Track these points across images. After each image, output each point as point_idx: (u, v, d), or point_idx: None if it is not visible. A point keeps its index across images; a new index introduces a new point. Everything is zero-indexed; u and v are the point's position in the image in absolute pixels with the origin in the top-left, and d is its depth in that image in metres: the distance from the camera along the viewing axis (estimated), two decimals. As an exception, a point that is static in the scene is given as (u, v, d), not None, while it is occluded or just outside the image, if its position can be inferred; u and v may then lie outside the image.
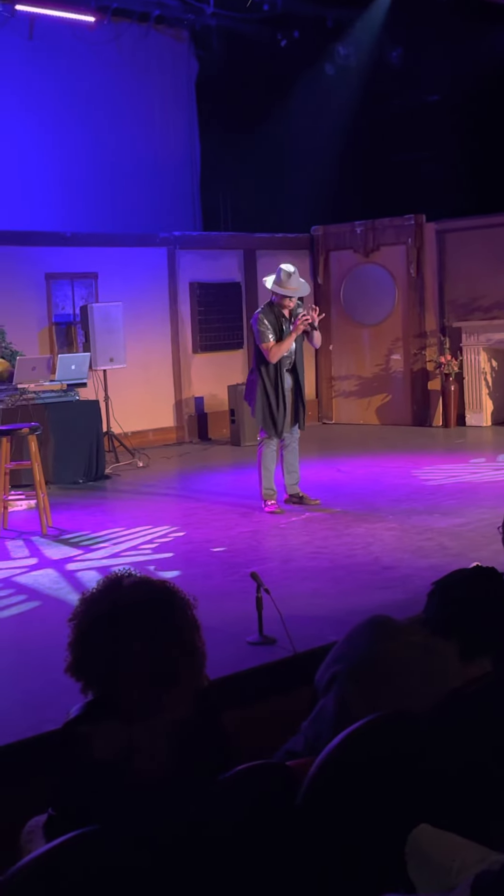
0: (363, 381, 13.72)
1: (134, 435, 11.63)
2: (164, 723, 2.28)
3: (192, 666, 2.32)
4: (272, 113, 13.39)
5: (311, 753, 2.56)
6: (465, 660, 2.70)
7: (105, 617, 2.31)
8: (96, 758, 2.24)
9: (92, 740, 2.26)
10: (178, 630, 2.31)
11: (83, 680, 2.34)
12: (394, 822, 2.28)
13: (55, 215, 12.22)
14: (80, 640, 2.33)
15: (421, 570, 6.04)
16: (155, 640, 2.28)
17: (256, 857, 2.19)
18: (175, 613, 2.33)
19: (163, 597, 2.36)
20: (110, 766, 2.23)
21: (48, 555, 7.05)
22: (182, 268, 12.68)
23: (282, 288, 7.90)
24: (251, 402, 8.11)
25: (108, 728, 2.26)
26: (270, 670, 4.52)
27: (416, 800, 2.33)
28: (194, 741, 2.32)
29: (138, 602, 2.32)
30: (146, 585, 2.38)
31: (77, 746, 2.27)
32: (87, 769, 2.25)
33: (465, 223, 12.76)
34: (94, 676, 2.32)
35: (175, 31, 13.60)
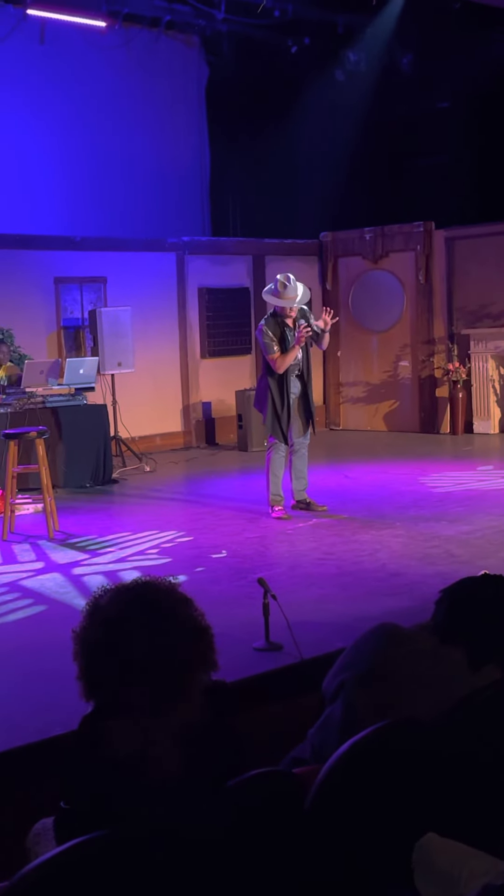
0: (371, 387, 13.71)
1: (141, 439, 11.65)
2: (177, 723, 2.28)
3: (200, 666, 2.32)
4: (282, 118, 13.40)
5: (318, 761, 2.55)
6: (473, 668, 2.69)
7: (101, 623, 2.32)
8: (114, 753, 2.24)
9: (110, 735, 2.25)
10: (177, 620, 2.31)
11: (95, 692, 2.33)
12: (401, 831, 2.27)
13: (64, 219, 12.24)
14: (82, 653, 2.33)
15: (428, 578, 6.03)
16: (156, 635, 2.28)
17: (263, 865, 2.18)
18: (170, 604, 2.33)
19: (155, 591, 2.36)
20: (126, 763, 2.23)
21: (55, 559, 7.06)
22: (191, 273, 12.70)
23: (280, 299, 7.88)
24: (262, 409, 8.09)
25: (125, 725, 2.26)
26: (277, 676, 4.52)
27: (424, 808, 2.32)
28: (207, 743, 2.31)
29: (131, 601, 2.33)
30: (135, 586, 2.39)
31: (95, 740, 2.27)
32: (104, 764, 2.24)
33: (475, 230, 12.76)
34: (104, 685, 2.32)
35: (186, 37, 13.62)
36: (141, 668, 2.27)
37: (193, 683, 2.31)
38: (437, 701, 2.61)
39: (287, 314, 7.91)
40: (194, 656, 2.31)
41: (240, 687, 4.31)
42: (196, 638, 2.34)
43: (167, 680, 2.27)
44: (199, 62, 13.94)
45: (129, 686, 2.28)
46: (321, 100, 13.49)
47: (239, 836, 2.16)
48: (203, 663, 2.34)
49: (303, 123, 13.60)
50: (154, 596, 2.37)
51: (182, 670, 2.29)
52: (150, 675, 2.27)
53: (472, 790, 2.38)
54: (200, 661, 2.33)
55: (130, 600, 2.35)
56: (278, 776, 2.33)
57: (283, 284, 7.85)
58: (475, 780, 2.39)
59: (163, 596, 2.37)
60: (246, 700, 4.18)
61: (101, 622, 2.33)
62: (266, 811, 2.22)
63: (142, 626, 2.30)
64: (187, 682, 2.30)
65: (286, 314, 7.92)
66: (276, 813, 2.23)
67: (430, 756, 2.38)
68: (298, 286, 7.90)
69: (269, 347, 7.86)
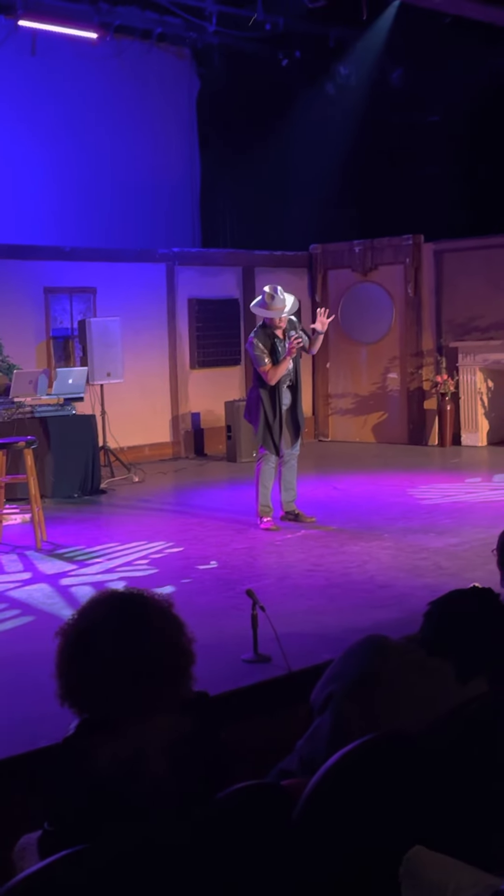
0: (360, 399, 13.74)
1: (130, 450, 11.63)
2: (161, 736, 2.27)
3: (177, 662, 2.31)
4: (273, 131, 13.44)
5: (306, 773, 2.55)
6: (461, 680, 2.69)
7: (78, 633, 2.32)
8: (97, 773, 2.23)
9: (93, 755, 2.25)
10: (153, 631, 2.31)
11: (74, 703, 2.32)
12: (388, 844, 2.26)
13: (54, 230, 12.24)
14: (62, 665, 2.32)
15: (416, 590, 6.03)
16: (130, 644, 2.27)
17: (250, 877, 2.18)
18: (147, 615, 2.33)
19: (132, 602, 2.36)
20: (110, 781, 2.22)
21: (42, 569, 7.03)
22: (181, 284, 12.71)
23: (268, 310, 7.90)
24: (254, 420, 8.08)
25: (108, 743, 2.25)
26: (265, 688, 4.51)
27: (412, 821, 2.32)
28: (193, 756, 2.31)
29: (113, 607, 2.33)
30: (115, 595, 2.39)
31: (77, 761, 2.26)
32: (87, 784, 2.23)
33: (463, 244, 12.81)
34: (83, 695, 2.31)
35: (177, 49, 13.67)
36: (121, 672, 2.26)
37: (174, 693, 2.30)
38: (426, 713, 2.61)
39: (276, 325, 7.93)
40: (175, 665, 2.31)
41: (228, 698, 4.30)
42: (177, 647, 2.33)
43: (148, 687, 2.27)
44: (190, 74, 13.98)
45: (109, 691, 2.27)
46: (312, 113, 13.53)
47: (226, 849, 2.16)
48: (183, 673, 2.33)
49: (293, 136, 13.64)
50: (136, 604, 2.37)
51: (163, 679, 2.28)
52: (131, 680, 2.26)
53: (460, 803, 2.38)
54: (181, 670, 2.33)
55: (113, 606, 2.35)
56: (266, 788, 2.33)
57: (271, 296, 7.87)
58: (463, 793, 2.39)
59: (144, 604, 2.37)
60: (234, 712, 4.17)
61: (84, 627, 2.33)
62: (254, 823, 2.21)
63: (122, 632, 2.30)
64: (168, 692, 2.29)
65: (275, 325, 7.93)
66: (264, 825, 2.22)
67: (418, 769, 2.38)
68: (286, 297, 7.92)
69: (260, 360, 7.87)
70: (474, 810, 2.37)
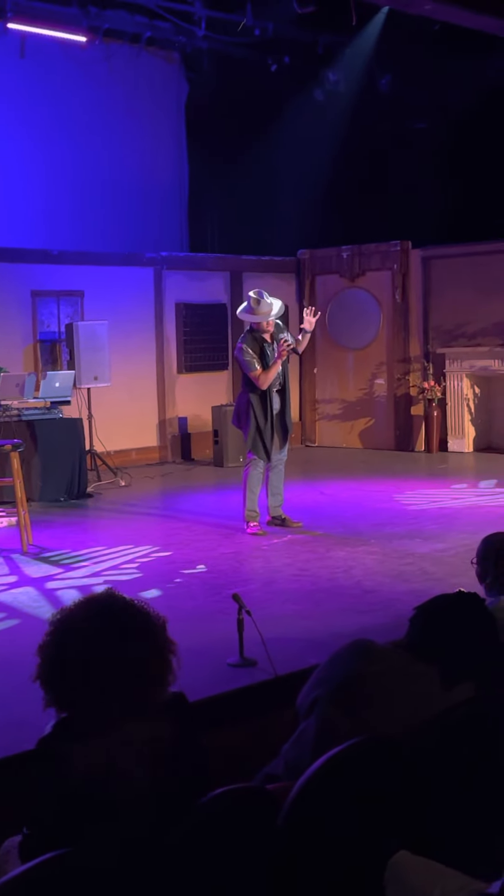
0: (347, 404, 13.75)
1: (117, 454, 11.62)
2: (140, 739, 2.26)
3: (155, 665, 2.31)
4: (261, 136, 13.46)
5: (291, 777, 2.54)
6: (447, 685, 2.70)
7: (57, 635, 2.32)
8: (74, 776, 2.22)
9: (69, 758, 2.24)
10: (131, 633, 2.30)
11: (55, 699, 2.32)
12: (373, 848, 2.26)
13: (42, 233, 12.23)
14: (43, 665, 2.32)
15: (402, 595, 6.04)
16: (108, 645, 2.27)
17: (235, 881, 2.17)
18: (126, 618, 2.33)
19: (111, 604, 2.36)
20: (88, 785, 2.21)
21: (28, 573, 7.01)
22: (168, 288, 12.71)
23: (254, 315, 7.91)
24: (244, 426, 8.08)
25: (85, 745, 2.24)
26: (251, 692, 4.50)
27: (397, 825, 2.32)
28: (174, 761, 2.30)
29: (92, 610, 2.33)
30: (95, 598, 2.39)
31: (54, 765, 2.25)
32: (65, 788, 2.22)
33: (451, 250, 12.85)
34: (62, 693, 2.30)
35: (166, 53, 13.67)
36: (98, 673, 2.25)
37: (153, 695, 2.30)
38: (411, 718, 2.62)
39: (264, 329, 7.94)
40: (153, 668, 2.31)
41: (214, 702, 4.30)
42: (155, 649, 2.33)
43: (126, 688, 2.26)
44: (179, 79, 13.98)
45: (87, 691, 2.26)
46: (300, 118, 13.56)
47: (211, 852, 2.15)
48: (162, 675, 2.33)
49: (282, 141, 13.66)
50: (115, 606, 2.37)
51: (141, 681, 2.27)
52: (109, 682, 2.25)
53: (446, 808, 2.38)
54: (159, 672, 2.32)
55: (92, 610, 2.35)
56: (251, 792, 2.33)
57: (256, 300, 7.89)
58: (448, 797, 2.39)
59: (123, 607, 2.37)
60: (219, 715, 4.17)
61: (65, 629, 2.33)
62: (239, 827, 2.21)
63: (100, 633, 2.30)
64: (147, 693, 2.29)
65: (263, 329, 7.94)
66: (249, 829, 2.22)
67: (403, 773, 2.38)
68: (271, 300, 7.94)
69: (250, 365, 7.87)
70: (459, 815, 2.38)
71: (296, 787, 2.30)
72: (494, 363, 12.45)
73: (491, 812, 2.36)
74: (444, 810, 2.37)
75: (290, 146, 13.68)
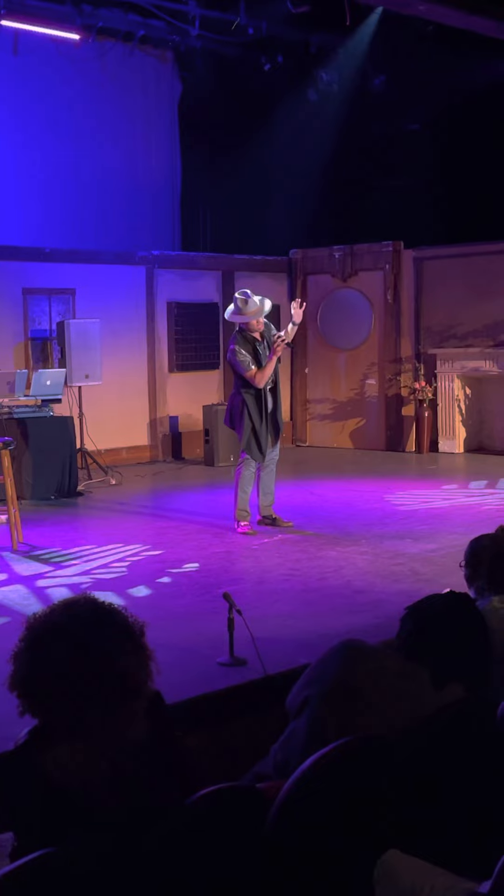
0: (338, 404, 13.76)
1: (107, 452, 11.60)
2: (119, 743, 2.25)
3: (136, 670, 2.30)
4: (254, 136, 13.46)
5: (281, 776, 2.54)
6: (437, 685, 2.70)
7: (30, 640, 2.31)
8: (52, 783, 2.20)
9: (45, 765, 2.22)
10: (105, 637, 2.30)
11: (28, 707, 2.30)
12: (363, 847, 2.26)
13: (34, 230, 12.20)
14: (16, 673, 2.31)
15: (392, 595, 6.05)
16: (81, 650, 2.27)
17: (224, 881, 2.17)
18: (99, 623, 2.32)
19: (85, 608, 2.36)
20: (66, 790, 2.19)
21: (18, 571, 7.00)
22: (160, 287, 12.70)
23: (242, 315, 7.92)
24: (237, 427, 8.08)
25: (61, 752, 2.23)
26: (240, 692, 4.50)
27: (387, 825, 2.32)
28: (153, 761, 2.29)
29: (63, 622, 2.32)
30: (69, 602, 2.38)
31: (28, 768, 2.23)
32: (42, 795, 2.20)
33: (443, 251, 12.87)
34: (36, 701, 2.29)
35: (160, 52, 13.66)
36: (74, 682, 2.24)
37: (131, 701, 2.29)
38: (402, 718, 2.62)
39: (254, 328, 7.95)
40: (131, 674, 2.30)
41: (203, 702, 4.30)
42: (133, 656, 2.32)
43: (103, 696, 2.25)
44: (172, 77, 13.97)
45: (62, 701, 2.25)
46: (293, 118, 13.57)
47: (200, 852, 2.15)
48: (140, 682, 2.32)
49: (275, 141, 13.67)
50: (90, 612, 2.36)
51: (119, 688, 2.26)
52: (85, 690, 2.24)
53: (436, 808, 2.38)
54: (137, 680, 2.31)
55: (66, 616, 2.34)
56: (241, 791, 2.32)
57: (244, 301, 7.91)
58: (438, 797, 2.39)
59: (99, 614, 2.36)
60: (209, 715, 4.17)
61: (38, 636, 2.32)
62: (228, 826, 2.21)
63: (76, 641, 2.28)
64: (125, 700, 2.28)
65: (253, 329, 7.95)
66: (239, 828, 2.21)
67: (393, 773, 2.38)
68: (258, 299, 7.96)
69: (245, 365, 7.87)
70: (449, 814, 2.38)
71: (285, 787, 2.30)
72: (485, 364, 12.47)
73: (481, 812, 2.36)
74: (434, 810, 2.38)
75: (283, 146, 13.69)
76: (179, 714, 3.96)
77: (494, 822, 2.29)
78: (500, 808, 2.33)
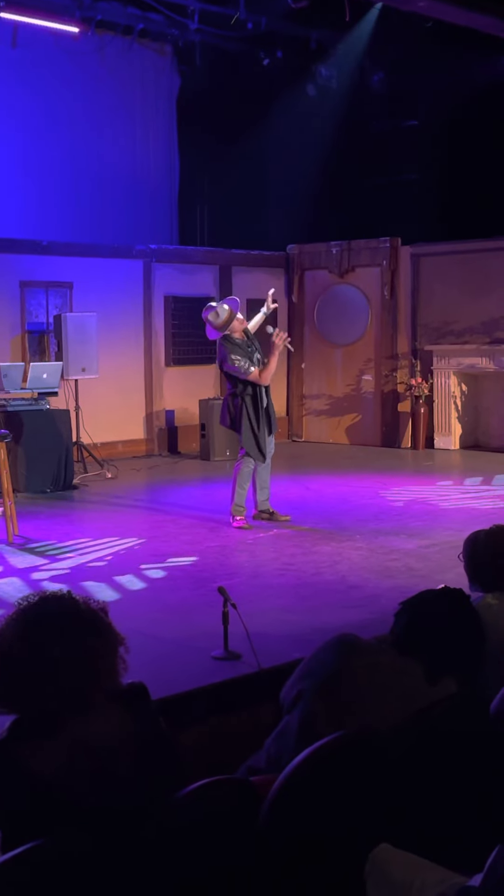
0: (334, 400, 13.77)
1: (103, 446, 11.60)
2: (100, 735, 2.26)
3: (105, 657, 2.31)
4: (252, 131, 13.45)
5: (274, 770, 2.55)
6: (430, 680, 2.71)
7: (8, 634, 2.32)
8: (35, 774, 2.20)
9: (27, 756, 2.22)
10: (74, 630, 2.31)
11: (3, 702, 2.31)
12: (355, 841, 2.28)
13: (32, 223, 12.19)
14: None
15: (387, 591, 6.06)
16: (51, 642, 2.27)
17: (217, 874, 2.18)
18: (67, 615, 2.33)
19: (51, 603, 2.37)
20: (50, 784, 2.19)
21: (13, 563, 7.01)
22: (157, 281, 12.69)
23: (223, 326, 7.95)
24: (237, 428, 8.08)
25: (42, 745, 2.23)
26: (235, 686, 4.52)
27: (378, 819, 2.33)
28: (138, 753, 2.30)
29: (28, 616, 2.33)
30: (36, 598, 2.39)
31: (11, 766, 2.23)
32: (27, 789, 2.21)
33: (440, 248, 12.87)
34: (10, 696, 2.30)
35: (158, 46, 13.64)
36: (44, 674, 2.25)
37: (105, 688, 2.29)
38: (394, 712, 2.63)
39: (236, 329, 8.01)
40: (100, 661, 2.30)
41: (198, 695, 4.31)
42: (101, 643, 2.32)
43: (74, 686, 2.25)
44: (171, 71, 13.95)
45: (34, 694, 2.26)
46: (292, 113, 13.55)
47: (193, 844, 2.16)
48: (110, 669, 2.33)
49: (273, 136, 13.65)
50: (51, 605, 2.37)
51: (90, 676, 2.27)
52: (56, 681, 2.25)
53: (427, 802, 2.40)
54: (107, 666, 2.32)
55: (30, 611, 2.34)
56: (234, 784, 2.34)
57: (215, 315, 7.97)
58: (430, 792, 2.41)
59: (63, 604, 2.37)
60: (203, 709, 4.18)
61: (6, 631, 2.32)
62: (221, 819, 2.22)
63: (41, 634, 2.29)
64: (98, 688, 2.28)
65: (235, 329, 8.00)
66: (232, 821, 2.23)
67: (385, 767, 2.39)
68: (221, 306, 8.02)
69: (244, 370, 7.89)
70: (440, 809, 2.39)
71: (279, 780, 2.31)
72: (482, 361, 12.48)
73: (471, 806, 2.37)
74: (425, 804, 2.39)
75: (282, 141, 13.67)
76: (174, 707, 3.97)
77: (485, 816, 2.31)
78: (491, 802, 2.35)
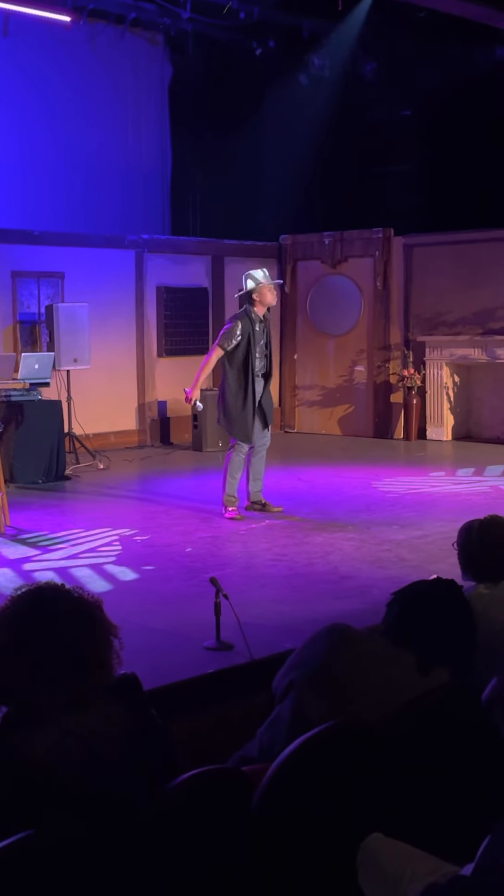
0: (326, 391, 13.77)
1: (95, 437, 11.58)
2: (92, 726, 2.25)
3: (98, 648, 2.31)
4: (245, 120, 13.42)
5: (266, 759, 2.55)
6: (422, 671, 2.71)
7: None
8: (27, 765, 2.20)
9: (19, 746, 2.22)
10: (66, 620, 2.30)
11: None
12: (347, 831, 2.28)
13: (23, 213, 12.15)
14: None
15: (379, 581, 6.06)
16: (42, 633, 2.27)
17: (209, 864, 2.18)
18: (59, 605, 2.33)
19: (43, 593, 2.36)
20: (42, 775, 2.19)
21: (5, 554, 7.00)
22: (149, 271, 12.66)
23: (260, 284, 7.96)
24: (225, 412, 8.09)
25: (34, 736, 2.23)
26: (226, 676, 4.51)
27: (370, 808, 2.33)
28: (131, 744, 2.29)
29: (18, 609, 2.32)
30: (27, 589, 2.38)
31: (4, 756, 2.23)
32: (19, 777, 2.20)
33: (433, 238, 12.86)
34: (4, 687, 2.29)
35: (151, 35, 13.59)
36: (35, 665, 2.25)
37: (97, 680, 2.29)
38: (386, 702, 2.63)
39: (268, 301, 8.01)
40: (92, 652, 2.30)
41: (190, 685, 4.31)
42: (92, 634, 2.32)
43: (67, 677, 2.25)
44: (163, 61, 13.90)
45: (26, 684, 2.25)
46: (285, 103, 13.52)
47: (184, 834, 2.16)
48: (103, 660, 2.32)
49: (266, 126, 13.62)
50: (44, 596, 2.36)
51: (82, 667, 2.27)
52: (48, 672, 2.24)
53: (418, 792, 2.40)
54: (99, 657, 2.31)
55: (20, 603, 2.34)
56: (226, 774, 2.34)
57: (263, 274, 8.02)
58: (421, 781, 2.41)
59: (56, 594, 2.36)
60: (195, 699, 4.18)
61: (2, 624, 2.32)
62: (213, 809, 2.22)
63: (31, 625, 2.28)
64: (91, 680, 2.28)
65: (266, 301, 8.00)
66: (224, 811, 2.23)
67: (377, 757, 2.39)
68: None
69: (225, 339, 7.88)
70: (432, 799, 2.40)
71: (270, 770, 2.31)
72: (474, 352, 12.49)
73: (463, 796, 2.38)
74: (418, 794, 2.39)
75: (274, 131, 13.65)
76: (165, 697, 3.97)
77: (477, 805, 2.31)
78: (483, 791, 2.35)
